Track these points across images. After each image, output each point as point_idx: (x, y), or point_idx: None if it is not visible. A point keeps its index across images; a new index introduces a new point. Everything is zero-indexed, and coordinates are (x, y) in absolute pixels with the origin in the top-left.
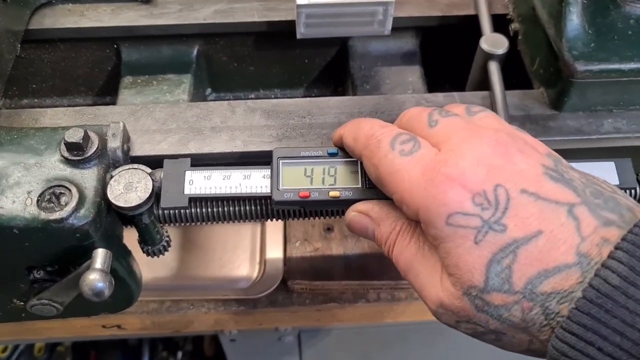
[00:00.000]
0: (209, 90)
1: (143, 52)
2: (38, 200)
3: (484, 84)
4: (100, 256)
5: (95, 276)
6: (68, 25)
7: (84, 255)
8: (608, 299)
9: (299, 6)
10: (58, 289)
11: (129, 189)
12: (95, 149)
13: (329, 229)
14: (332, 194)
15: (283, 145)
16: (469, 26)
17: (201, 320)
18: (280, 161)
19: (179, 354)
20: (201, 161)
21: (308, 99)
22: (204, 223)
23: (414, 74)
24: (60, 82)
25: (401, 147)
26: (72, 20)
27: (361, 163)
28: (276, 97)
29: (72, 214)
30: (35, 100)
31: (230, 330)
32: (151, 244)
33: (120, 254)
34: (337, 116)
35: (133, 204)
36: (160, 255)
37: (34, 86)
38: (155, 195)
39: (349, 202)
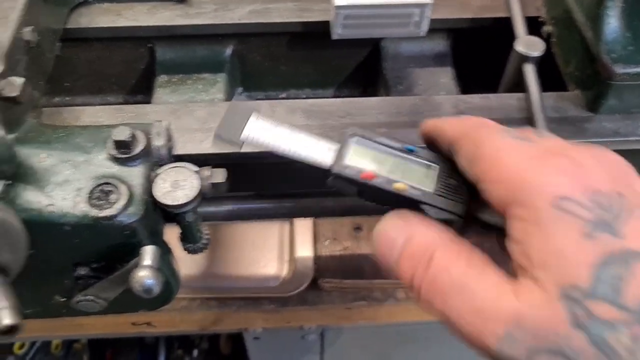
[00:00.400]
0: (240, 89)
1: (177, 51)
2: (88, 198)
3: (518, 86)
4: (149, 253)
5: (146, 273)
6: (105, 24)
7: (131, 252)
8: None
9: (338, 7)
10: (104, 285)
11: (176, 187)
12: (142, 147)
13: (358, 228)
14: (397, 186)
15: None
16: (501, 29)
17: (230, 318)
18: (353, 138)
19: (195, 352)
20: (242, 160)
21: (347, 99)
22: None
23: (446, 76)
24: (93, 81)
25: (517, 133)
26: (109, 19)
27: (441, 169)
28: (307, 97)
29: (122, 211)
30: (67, 98)
31: (255, 329)
32: (192, 241)
33: (163, 252)
34: (376, 116)
35: (180, 202)
36: (199, 253)
37: (67, 84)
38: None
39: (412, 202)
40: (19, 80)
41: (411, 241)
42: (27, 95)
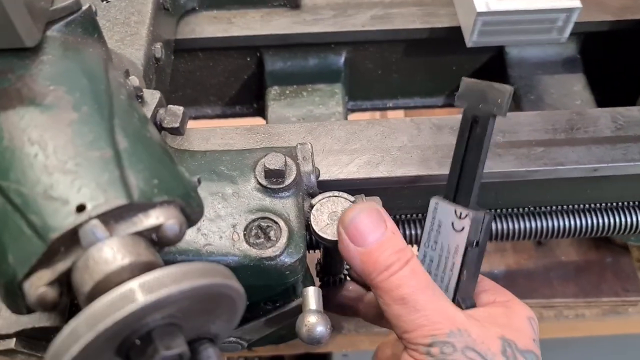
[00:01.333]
0: (345, 99)
1: (287, 60)
2: (244, 235)
3: None
4: (314, 296)
5: (316, 319)
6: (218, 34)
7: (285, 292)
8: None
9: (479, 14)
10: (254, 327)
11: (334, 219)
12: (294, 175)
13: None
14: None
15: None
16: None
17: (337, 341)
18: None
19: None
20: (392, 184)
21: None
22: None
23: (578, 83)
24: (190, 92)
25: None
26: (221, 28)
27: None
28: (416, 106)
29: (284, 250)
30: None
31: (347, 349)
32: (333, 273)
33: (311, 284)
34: (530, 133)
35: None
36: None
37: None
38: None
39: None
40: (179, 110)
41: (394, 236)
42: (186, 125)
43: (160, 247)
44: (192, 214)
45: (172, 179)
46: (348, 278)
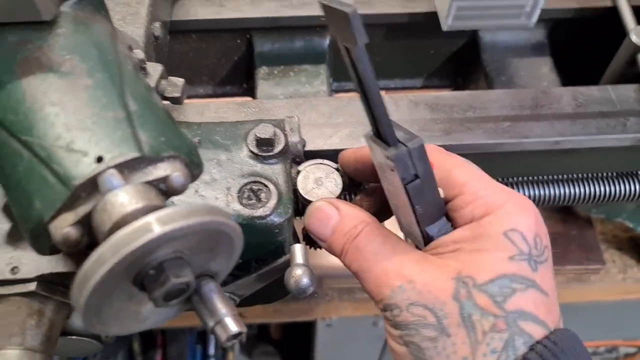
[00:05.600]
0: (330, 79)
1: (275, 42)
2: (238, 196)
3: (629, 76)
4: (300, 251)
5: (302, 272)
6: (209, 16)
7: (274, 250)
8: None
9: None
10: (246, 283)
11: (319, 184)
12: (282, 144)
13: None
14: None
15: (451, 139)
16: (603, 18)
17: (321, 308)
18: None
19: (243, 337)
20: None
21: (467, 92)
22: None
23: (545, 66)
24: (185, 73)
25: None
26: (213, 11)
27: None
28: (395, 87)
29: (274, 210)
30: None
31: (331, 317)
32: None
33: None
34: (499, 110)
35: None
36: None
37: None
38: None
39: None
40: (180, 81)
41: (343, 219)
42: (185, 95)
43: (167, 196)
44: (194, 169)
45: (176, 138)
46: None
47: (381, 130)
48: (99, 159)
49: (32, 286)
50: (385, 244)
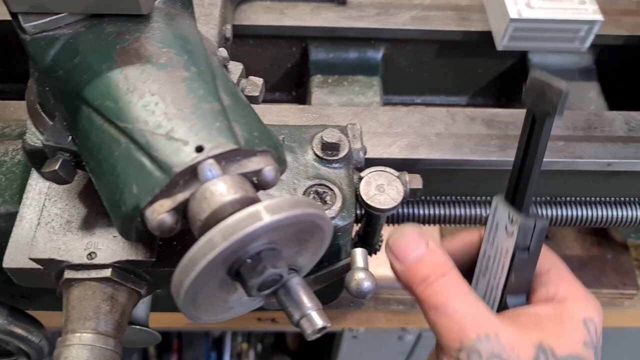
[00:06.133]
0: (382, 91)
1: (330, 52)
2: None
3: None
4: (361, 255)
5: (364, 275)
6: (271, 22)
7: (334, 253)
8: None
9: (512, 20)
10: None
11: (381, 190)
12: (347, 150)
13: None
14: None
15: (506, 154)
16: None
17: (354, 317)
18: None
19: (259, 347)
20: (429, 166)
21: (522, 110)
22: None
23: (593, 90)
24: None
25: None
26: (274, 17)
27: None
28: (441, 104)
29: (338, 213)
30: None
31: (359, 328)
32: (370, 244)
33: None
34: (553, 129)
35: (388, 207)
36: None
37: None
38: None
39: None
40: (259, 81)
41: (434, 253)
42: (262, 95)
43: (258, 189)
44: (281, 165)
45: (267, 134)
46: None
47: (519, 197)
48: (199, 149)
49: (107, 272)
50: (471, 293)
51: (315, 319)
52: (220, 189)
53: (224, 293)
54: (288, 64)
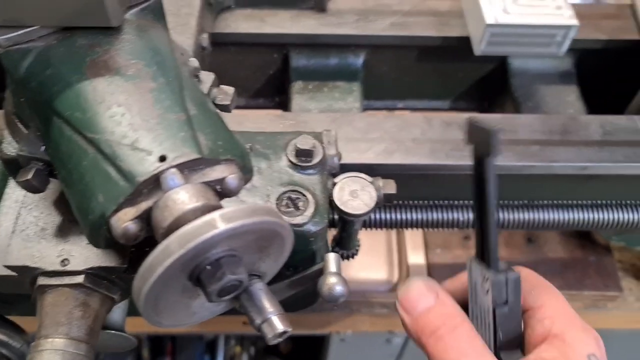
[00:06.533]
0: (362, 96)
1: (311, 58)
2: (277, 204)
3: None
4: (334, 260)
5: (336, 280)
6: (251, 30)
7: (308, 258)
8: None
9: (488, 25)
10: (276, 289)
11: (354, 196)
12: (321, 156)
13: (467, 238)
14: None
15: None
16: (631, 50)
17: (339, 321)
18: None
19: (252, 350)
20: (405, 171)
21: (500, 115)
22: None
23: (572, 94)
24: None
25: None
26: (254, 25)
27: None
28: (423, 108)
29: (311, 219)
30: None
31: (346, 331)
32: (347, 248)
33: None
34: (529, 134)
35: (361, 212)
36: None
37: None
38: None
39: None
40: (230, 90)
41: (444, 304)
42: (234, 103)
43: (221, 197)
44: (246, 173)
45: (232, 143)
46: None
47: (486, 254)
48: (162, 158)
49: (80, 278)
50: (485, 349)
51: (276, 324)
52: (182, 197)
53: (187, 298)
54: (270, 71)
